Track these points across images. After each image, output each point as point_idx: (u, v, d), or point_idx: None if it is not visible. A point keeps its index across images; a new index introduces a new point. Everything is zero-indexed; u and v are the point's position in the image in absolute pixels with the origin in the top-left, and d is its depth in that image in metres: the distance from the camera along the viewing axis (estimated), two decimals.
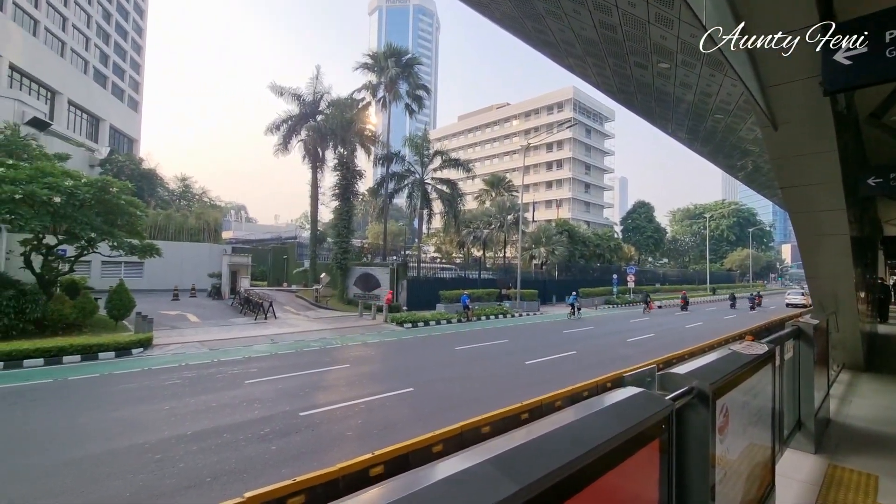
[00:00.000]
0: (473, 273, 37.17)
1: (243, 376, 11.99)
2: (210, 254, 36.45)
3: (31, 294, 15.34)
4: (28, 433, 7.92)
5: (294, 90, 34.96)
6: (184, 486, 5.97)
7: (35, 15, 41.94)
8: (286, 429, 8.08)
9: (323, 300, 30.38)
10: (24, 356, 12.50)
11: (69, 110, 45.24)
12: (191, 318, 21.92)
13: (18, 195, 13.60)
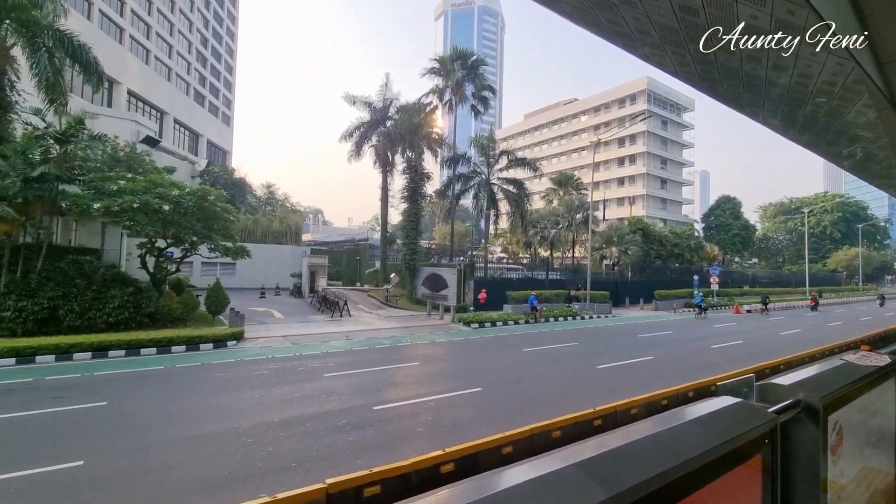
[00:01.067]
0: (541, 273, 36.44)
1: (322, 370, 12.74)
2: (292, 255, 39.17)
3: (146, 291, 17.51)
4: (145, 413, 9.04)
5: (365, 98, 36.56)
6: (272, 470, 6.48)
7: (147, 45, 47.75)
8: (361, 422, 8.47)
9: (393, 299, 31.39)
10: (142, 345, 14.29)
11: (174, 128, 50.97)
12: (276, 315, 23.70)
13: (136, 204, 15.58)
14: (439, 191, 38.44)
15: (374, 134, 36.92)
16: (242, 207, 46.80)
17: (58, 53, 17.14)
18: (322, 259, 35.51)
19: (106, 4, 41.24)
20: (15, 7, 16.18)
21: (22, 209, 14.65)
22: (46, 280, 15.39)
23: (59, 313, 15.12)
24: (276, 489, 5.33)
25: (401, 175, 34.17)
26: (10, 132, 16.65)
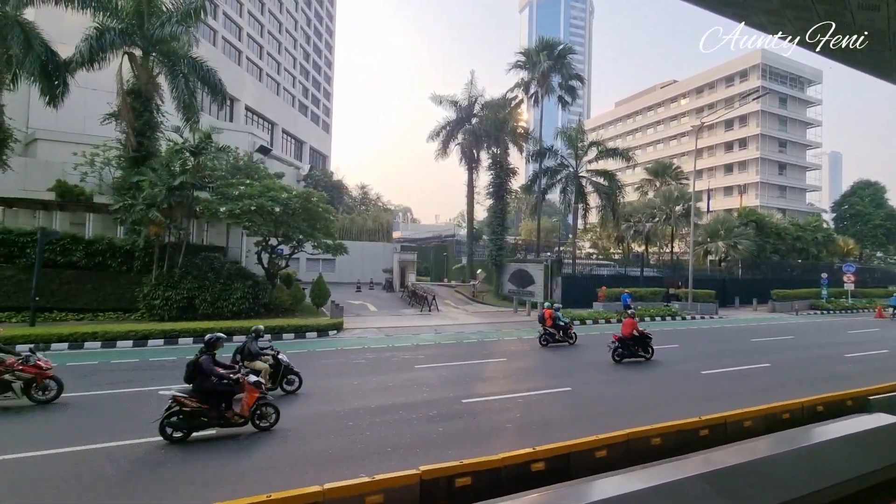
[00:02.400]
0: (635, 270, 34.27)
1: (413, 361, 13.35)
2: (383, 251, 41.34)
3: (262, 284, 19.73)
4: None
5: (451, 97, 37.17)
6: (370, 452, 6.97)
7: (259, 64, 53.38)
8: (450, 413, 8.75)
9: (479, 295, 31.69)
10: None
11: (282, 137, 56.49)
12: (370, 308, 25.25)
13: (253, 207, 17.59)
14: (525, 186, 37.89)
15: (459, 132, 37.43)
16: (340, 207, 50.35)
17: (192, 78, 19.90)
18: (411, 255, 36.95)
19: (227, 31, 46.84)
20: (159, 41, 19.08)
21: (167, 213, 17.30)
22: (185, 274, 18.03)
23: (195, 302, 17.65)
24: (374, 470, 5.75)
25: (486, 171, 34.30)
26: (157, 148, 19.69)
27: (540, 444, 5.56)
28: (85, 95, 20.15)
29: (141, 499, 5.58)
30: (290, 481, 5.69)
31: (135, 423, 7.86)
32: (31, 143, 24.31)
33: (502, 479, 5.10)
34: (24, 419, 8.25)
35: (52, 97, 18.71)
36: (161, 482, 5.99)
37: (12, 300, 16.41)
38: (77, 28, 18.95)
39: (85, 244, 17.94)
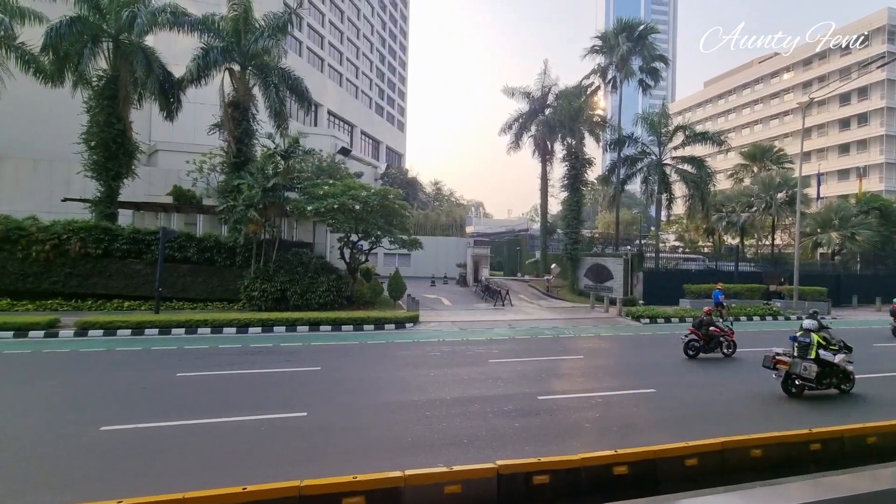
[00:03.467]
0: (727, 264, 31.40)
1: (487, 355, 13.48)
2: (457, 246, 41.91)
3: (344, 278, 21.02)
4: (347, 379, 10.93)
5: (523, 89, 36.57)
6: (446, 443, 7.19)
7: (340, 70, 56.47)
8: (526, 409, 8.75)
9: (554, 290, 31.01)
10: (342, 323, 17.27)
11: (361, 138, 59.44)
12: (444, 302, 25.81)
13: (336, 205, 18.76)
14: (602, 176, 36.29)
15: (532, 124, 36.73)
16: (415, 204, 51.85)
17: (281, 88, 21.61)
18: (484, 250, 37.05)
19: (311, 41, 50.04)
20: (254, 55, 20.93)
21: (262, 213, 19.02)
22: (279, 268, 19.73)
23: (287, 294, 19.26)
24: (451, 461, 5.96)
25: (560, 163, 33.31)
26: (253, 153, 21.66)
27: (622, 447, 5.41)
28: (194, 109, 22.74)
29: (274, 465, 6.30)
30: (371, 465, 6.06)
31: (239, 400, 8.82)
32: (153, 154, 27.96)
33: (582, 481, 5.02)
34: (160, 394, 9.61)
35: (168, 113, 21.38)
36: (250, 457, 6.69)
37: (141, 290, 19.07)
38: (186, 50, 21.37)
39: (196, 242, 20.30)
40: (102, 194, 20.41)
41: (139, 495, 4.24)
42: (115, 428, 7.41)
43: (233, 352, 13.44)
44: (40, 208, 20.66)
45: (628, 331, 18.52)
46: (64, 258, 18.41)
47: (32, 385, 10.11)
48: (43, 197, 22.25)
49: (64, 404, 8.84)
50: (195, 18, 20.53)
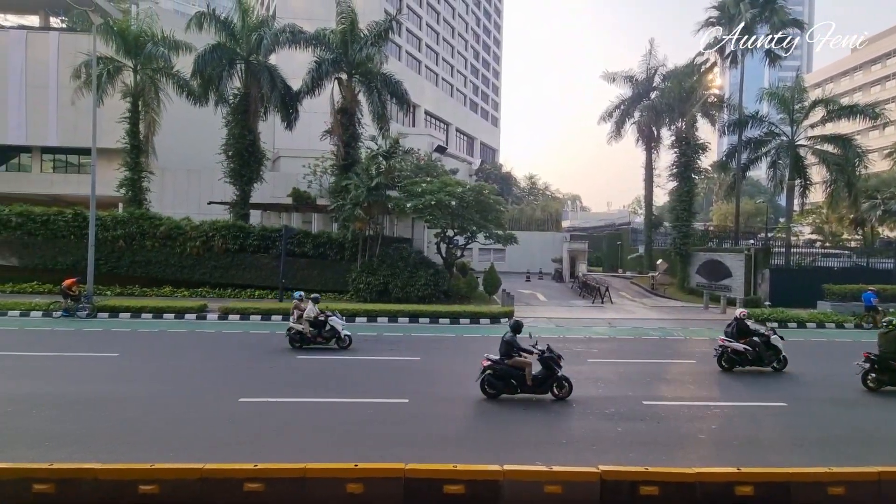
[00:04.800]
0: (884, 262, 26.34)
1: (585, 354, 13.02)
2: (552, 241, 40.87)
3: (441, 272, 21.75)
4: (445, 370, 11.37)
5: (626, 73, 34.30)
6: (543, 441, 7.14)
7: (435, 70, 58.17)
8: (630, 413, 8.32)
9: (660, 288, 28.80)
10: (440, 316, 17.93)
11: (456, 135, 60.67)
12: (539, 297, 25.40)
13: (433, 202, 19.45)
14: (719, 163, 32.59)
15: (636, 109, 34.30)
16: (509, 199, 51.56)
17: (383, 92, 22.89)
18: (582, 244, 35.64)
19: (409, 45, 52.18)
20: (359, 63, 22.46)
21: (367, 210, 20.39)
22: (381, 262, 21.05)
23: (389, 287, 20.47)
24: (549, 460, 5.90)
25: (668, 150, 30.62)
26: (359, 155, 23.29)
27: (746, 466, 4.91)
28: (309, 118, 25.09)
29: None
30: (469, 456, 6.24)
31: (349, 383, 9.66)
32: (276, 160, 31.47)
33: (697, 497, 4.66)
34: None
35: (288, 123, 23.91)
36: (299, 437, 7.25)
37: (268, 281, 21.66)
38: (302, 65, 23.62)
39: (312, 238, 22.45)
40: (238, 197, 23.54)
41: (270, 461, 4.92)
42: (251, 400, 8.59)
43: None
44: (191, 211, 24.43)
45: None
46: (210, 253, 21.63)
47: (187, 359, 12.09)
48: (194, 201, 26.31)
49: (210, 377, 10.46)
50: (309, 34, 22.58)
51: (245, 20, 22.46)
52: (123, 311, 17.26)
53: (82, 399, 8.46)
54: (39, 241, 21.36)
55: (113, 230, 21.28)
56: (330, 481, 4.71)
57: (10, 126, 30.78)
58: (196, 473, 4.66)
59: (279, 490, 4.70)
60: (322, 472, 4.75)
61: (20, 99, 30.60)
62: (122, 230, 21.40)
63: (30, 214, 21.46)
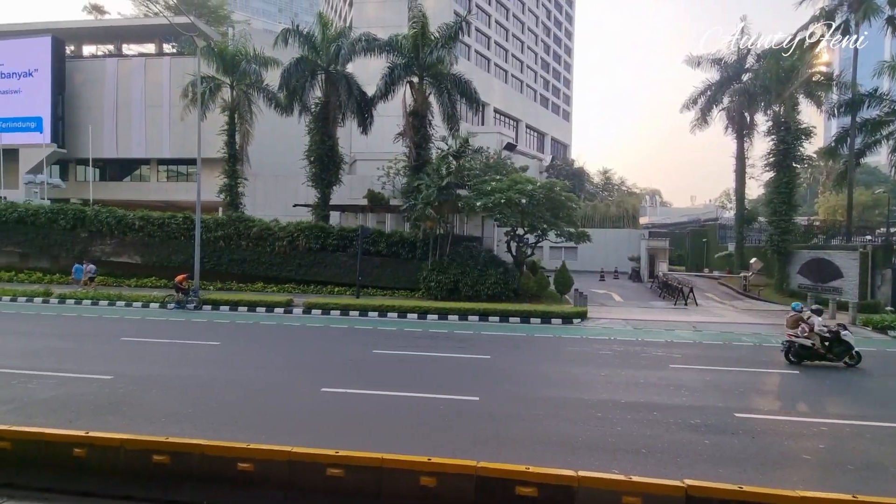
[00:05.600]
0: None
1: (667, 359, 12.25)
2: (629, 238, 38.84)
3: (511, 271, 21.60)
4: (516, 370, 11.26)
5: (712, 55, 31.59)
6: (621, 449, 6.82)
7: (505, 67, 57.61)
8: (719, 426, 7.71)
9: (753, 289, 26.23)
10: (510, 315, 17.81)
11: (526, 132, 59.74)
12: (615, 297, 24.27)
13: (503, 200, 19.35)
14: (826, 149, 29.01)
15: (724, 94, 31.49)
16: (582, 195, 49.76)
17: (453, 93, 23.18)
18: (662, 242, 33.46)
19: (478, 44, 52.19)
20: (430, 66, 22.93)
21: (437, 210, 20.80)
22: (451, 261, 21.37)
23: (459, 285, 20.73)
24: (627, 469, 5.67)
25: (764, 137, 27.74)
26: (430, 156, 23.79)
27: (865, 494, 4.34)
28: (382, 122, 26.12)
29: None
30: (541, 458, 6.14)
31: (422, 379, 9.94)
32: (352, 164, 33.11)
33: None
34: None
35: (364, 127, 25.09)
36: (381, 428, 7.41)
37: (346, 278, 22.89)
38: (376, 71, 24.62)
39: (386, 237, 23.38)
40: (319, 200, 25.15)
41: (349, 449, 5.22)
42: (332, 390, 9.17)
43: (415, 335, 15.14)
44: (279, 213, 26.49)
45: (868, 345, 14.49)
46: (295, 251, 23.35)
47: (276, 349, 13.15)
48: (281, 204, 28.50)
49: (295, 367, 11.30)
50: (382, 41, 23.48)
51: (325, 33, 23.88)
52: (223, 305, 19.20)
53: (192, 381, 9.58)
54: (156, 241, 24.43)
55: (214, 231, 23.73)
56: (405, 472, 4.91)
57: (133, 142, 35.52)
58: (285, 455, 5.09)
59: (358, 477, 4.99)
60: (397, 463, 4.96)
61: (141, 118, 35.19)
62: (222, 231, 23.80)
63: (149, 218, 24.60)
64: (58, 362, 10.64)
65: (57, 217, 25.03)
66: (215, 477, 5.16)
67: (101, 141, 34.87)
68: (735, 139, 32.09)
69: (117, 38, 39.65)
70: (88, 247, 25.00)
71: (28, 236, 25.34)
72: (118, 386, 9.11)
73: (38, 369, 9.97)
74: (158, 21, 35.98)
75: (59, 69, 34.65)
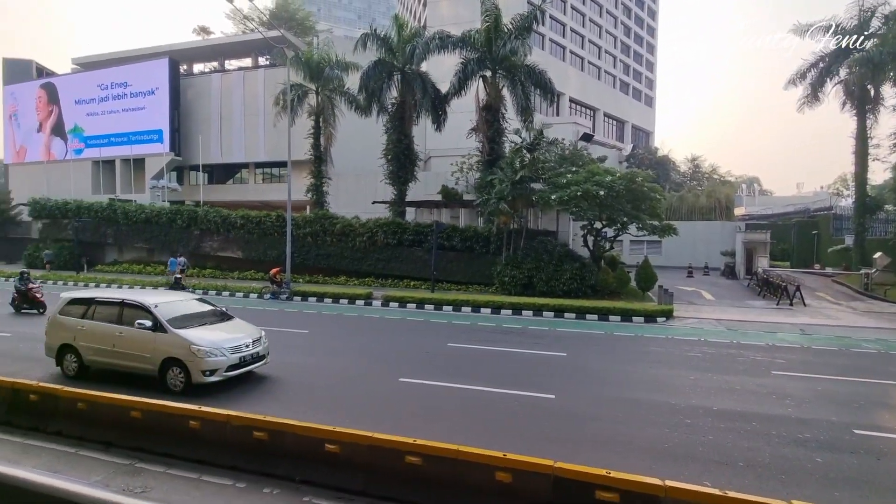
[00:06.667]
0: None
1: (768, 365, 11.11)
2: (722, 231, 35.61)
3: (588, 266, 20.79)
4: (594, 369, 10.87)
5: (825, 22, 27.64)
6: (714, 460, 6.32)
7: (581, 54, 55.15)
8: (833, 442, 6.87)
9: (878, 289, 22.78)
10: (587, 311, 17.18)
11: (604, 120, 56.83)
12: (705, 296, 22.40)
13: (579, 193, 18.65)
14: None
15: (841, 65, 27.49)
16: (666, 185, 46.40)
17: (527, 84, 22.71)
18: (761, 235, 30.18)
19: (553, 32, 50.48)
20: (503, 59, 22.66)
21: (511, 204, 20.57)
22: (526, 256, 21.06)
23: (533, 280, 20.39)
24: (721, 483, 5.27)
25: (892, 112, 23.80)
26: (503, 150, 23.58)
27: None
28: (455, 118, 26.32)
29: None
30: (623, 463, 5.91)
31: (495, 374, 9.98)
32: (427, 161, 33.85)
33: None
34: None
35: (438, 124, 25.52)
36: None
37: (421, 273, 23.53)
38: (449, 68, 24.83)
39: (460, 232, 23.64)
40: (395, 197, 26.07)
41: (426, 438, 5.40)
42: (409, 381, 9.53)
43: (489, 329, 15.19)
44: (359, 210, 27.88)
45: None
46: (374, 247, 24.47)
47: (356, 339, 13.91)
48: (361, 202, 29.99)
49: (375, 356, 11.87)
50: (456, 38, 23.60)
51: (400, 34, 24.57)
52: (311, 296, 20.69)
53: (284, 366, 10.47)
54: (254, 238, 26.94)
55: (302, 228, 25.60)
56: (480, 466, 4.98)
57: (234, 148, 39.38)
58: (367, 440, 5.41)
59: (435, 467, 5.16)
60: (473, 456, 5.05)
61: (241, 126, 38.89)
62: (309, 228, 25.61)
63: (248, 217, 27.18)
64: None
65: (175, 217, 28.61)
66: (306, 455, 5.63)
67: (209, 148, 39.06)
68: (855, 116, 27.91)
69: (220, 55, 44.09)
70: (200, 243, 28.31)
71: (153, 234, 29.31)
72: None
73: None
74: (254, 37, 39.31)
75: (174, 86, 39.31)
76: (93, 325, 9.11)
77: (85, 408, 6.64)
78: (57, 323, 9.51)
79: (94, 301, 9.48)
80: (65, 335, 9.31)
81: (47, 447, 6.42)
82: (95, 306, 9.34)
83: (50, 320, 9.70)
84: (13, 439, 6.64)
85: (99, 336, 9.02)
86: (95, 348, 9.04)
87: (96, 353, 9.06)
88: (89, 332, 9.08)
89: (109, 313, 9.15)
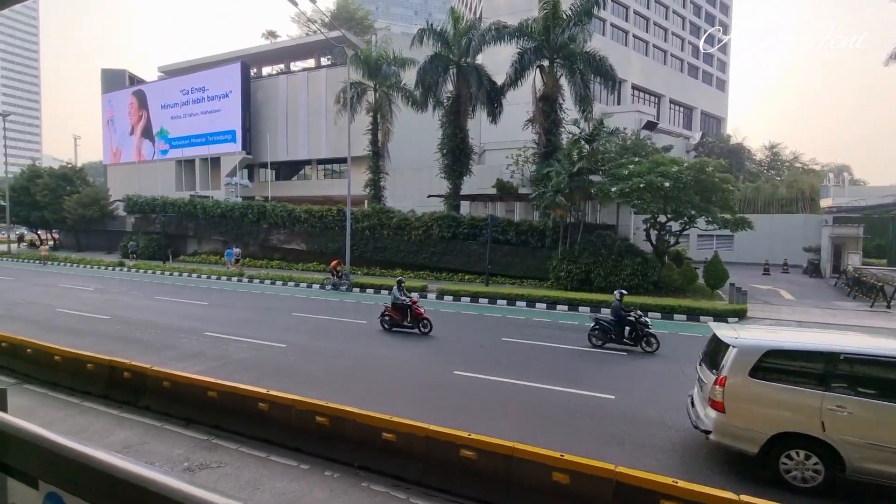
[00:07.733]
0: None
1: None
2: (804, 225, 32.47)
3: (650, 261, 19.79)
4: (657, 368, 10.35)
5: None
6: None
7: (645, 37, 52.04)
8: None
9: None
10: (649, 309, 16.27)
11: (669, 108, 53.42)
12: (784, 295, 20.57)
13: (642, 185, 17.73)
14: None
15: None
16: (740, 175, 42.96)
17: (586, 72, 21.84)
18: (852, 229, 27.15)
19: (614, 16, 48.04)
20: (561, 47, 21.93)
21: (568, 197, 19.98)
22: (583, 250, 20.41)
23: (591, 276, 19.73)
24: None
25: None
26: (560, 142, 22.91)
27: None
28: (511, 110, 25.88)
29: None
30: (683, 473, 5.61)
31: (551, 370, 9.79)
32: (482, 154, 33.65)
33: None
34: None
35: (493, 117, 25.25)
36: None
37: (475, 266, 23.54)
38: (505, 59, 24.41)
39: (514, 226, 23.36)
40: (450, 190, 26.19)
41: (480, 434, 5.40)
42: (463, 374, 9.59)
43: (544, 325, 14.92)
44: (415, 204, 28.36)
45: None
46: (429, 240, 24.81)
47: (412, 335, 14.12)
48: (416, 196, 30.47)
49: (430, 349, 12.04)
50: (512, 28, 23.15)
51: (456, 27, 24.50)
52: (369, 288, 21.38)
53: (345, 355, 10.94)
54: (317, 231, 28.26)
55: (361, 222, 26.47)
56: (536, 465, 4.93)
57: (299, 146, 41.42)
58: (423, 432, 5.52)
59: (490, 462, 5.17)
60: (528, 454, 5.00)
61: (305, 124, 40.80)
62: (367, 222, 26.42)
63: (311, 211, 28.56)
64: (250, 330, 13.14)
65: (246, 212, 30.66)
66: (364, 442, 5.85)
67: (276, 146, 41.36)
68: None
69: (287, 57, 46.39)
70: (268, 236, 30.16)
71: (228, 227, 31.62)
72: (290, 354, 10.88)
73: (236, 335, 12.43)
74: (317, 38, 40.96)
75: (246, 89, 41.95)
76: (862, 405, 5.26)
77: (169, 386, 7.32)
78: (755, 391, 5.67)
79: (845, 358, 5.46)
80: (788, 417, 5.57)
81: (138, 420, 7.16)
82: (851, 365, 5.46)
83: (737, 385, 5.73)
84: (110, 411, 7.47)
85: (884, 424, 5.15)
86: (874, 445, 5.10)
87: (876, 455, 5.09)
88: (859, 418, 5.21)
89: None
